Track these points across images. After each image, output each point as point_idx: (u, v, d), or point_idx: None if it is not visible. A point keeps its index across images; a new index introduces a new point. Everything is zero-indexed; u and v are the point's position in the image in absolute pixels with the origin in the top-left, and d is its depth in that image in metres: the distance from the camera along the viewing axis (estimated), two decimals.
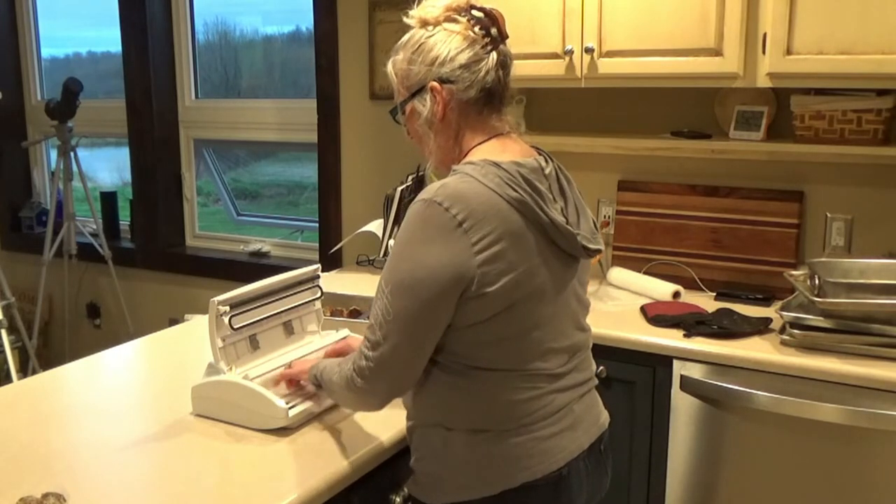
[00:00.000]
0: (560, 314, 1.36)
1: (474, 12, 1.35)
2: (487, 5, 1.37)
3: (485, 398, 1.32)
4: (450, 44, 1.33)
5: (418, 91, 1.37)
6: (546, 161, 1.40)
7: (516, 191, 1.27)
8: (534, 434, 1.33)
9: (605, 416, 1.50)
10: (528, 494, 1.33)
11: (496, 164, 1.29)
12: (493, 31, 1.35)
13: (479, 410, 1.32)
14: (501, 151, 1.35)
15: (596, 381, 1.49)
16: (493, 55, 1.35)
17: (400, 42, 1.40)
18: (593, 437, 1.43)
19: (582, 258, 1.39)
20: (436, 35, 1.35)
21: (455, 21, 1.34)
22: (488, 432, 1.32)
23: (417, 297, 1.24)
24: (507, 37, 1.38)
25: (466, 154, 1.37)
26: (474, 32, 1.34)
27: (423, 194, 1.28)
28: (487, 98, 1.36)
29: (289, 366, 1.62)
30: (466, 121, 1.37)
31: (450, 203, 1.24)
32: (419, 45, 1.36)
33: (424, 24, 1.36)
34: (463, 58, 1.33)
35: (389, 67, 1.42)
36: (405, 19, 1.39)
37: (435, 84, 1.34)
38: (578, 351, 1.42)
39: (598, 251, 1.39)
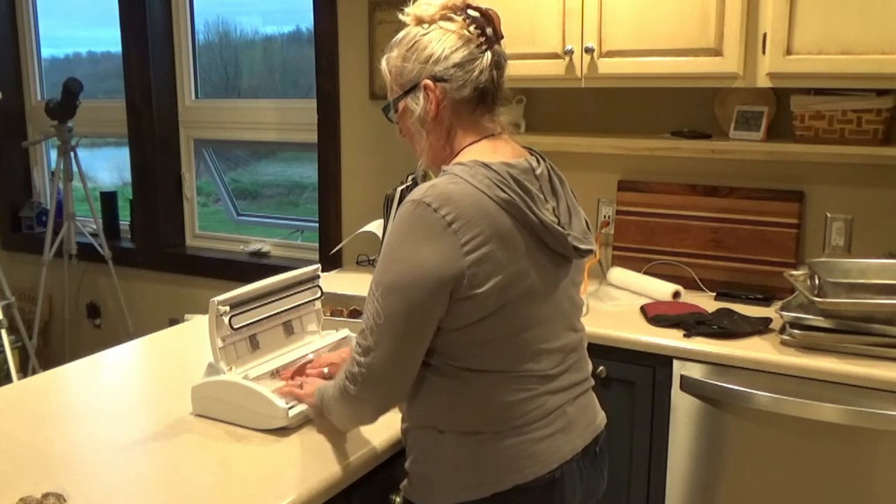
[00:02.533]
0: (552, 315, 1.35)
1: (470, 11, 1.35)
2: (484, 5, 1.37)
3: (476, 400, 1.31)
4: (444, 42, 1.33)
5: (412, 89, 1.36)
6: (538, 161, 1.40)
7: (505, 192, 1.27)
8: (526, 436, 1.32)
9: (601, 418, 1.49)
10: (519, 497, 1.32)
11: (485, 165, 1.29)
12: (489, 30, 1.35)
13: (471, 412, 1.32)
14: (492, 152, 1.35)
15: (592, 382, 1.48)
16: (488, 55, 1.35)
17: (394, 39, 1.40)
18: (588, 439, 1.42)
19: (573, 259, 1.39)
20: (431, 33, 1.34)
21: (450, 20, 1.34)
22: (480, 434, 1.32)
23: (408, 298, 1.24)
24: (503, 37, 1.38)
25: (458, 154, 1.37)
26: (469, 31, 1.34)
27: (412, 195, 1.27)
28: (480, 98, 1.36)
29: (300, 386, 1.59)
30: (459, 120, 1.37)
31: (439, 204, 1.23)
32: (414, 43, 1.35)
33: (420, 21, 1.36)
34: (457, 56, 1.33)
35: (383, 64, 1.42)
36: (400, 16, 1.39)
37: (428, 82, 1.34)
38: (572, 352, 1.41)
39: (590, 251, 1.38)
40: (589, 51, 2.31)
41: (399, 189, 2.79)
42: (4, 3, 4.09)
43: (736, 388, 1.97)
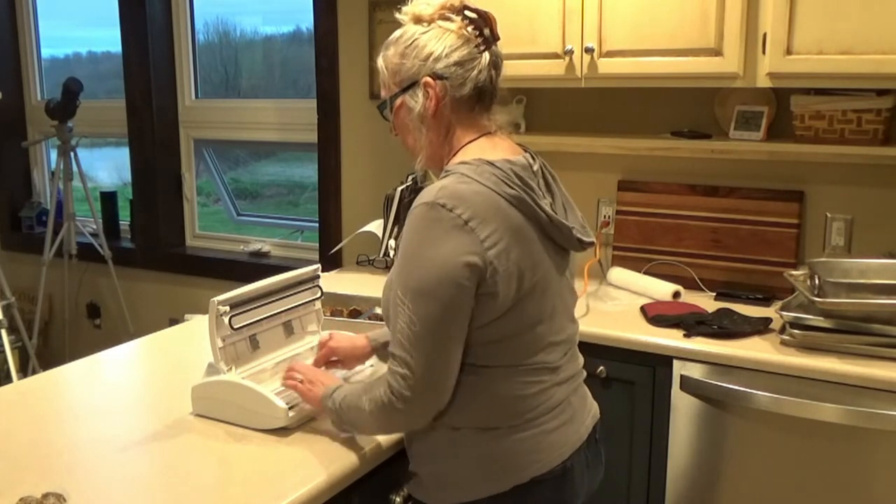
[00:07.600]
0: (558, 307, 1.39)
1: (468, 13, 1.37)
2: (483, 6, 1.39)
3: (491, 395, 1.32)
4: (444, 41, 1.35)
5: (410, 86, 1.37)
6: (532, 158, 1.42)
7: (513, 188, 1.29)
8: (539, 428, 1.34)
9: (595, 407, 1.53)
10: (536, 489, 1.34)
11: (490, 163, 1.31)
12: (486, 31, 1.37)
13: (487, 408, 1.33)
14: (492, 149, 1.37)
15: (584, 374, 1.51)
16: (486, 55, 1.37)
17: (391, 38, 1.41)
18: (589, 429, 1.46)
19: (576, 251, 1.42)
20: (430, 32, 1.36)
21: (449, 20, 1.36)
22: (497, 429, 1.33)
23: (438, 298, 1.24)
24: (499, 38, 1.40)
25: (457, 152, 1.38)
26: (468, 32, 1.36)
27: (423, 197, 1.28)
28: (479, 97, 1.38)
29: (301, 381, 1.54)
30: (458, 118, 1.38)
31: (453, 204, 1.24)
32: (413, 41, 1.37)
33: (418, 20, 1.38)
34: (457, 55, 1.35)
35: (379, 62, 1.43)
36: (397, 15, 1.41)
37: (429, 79, 1.35)
38: (571, 343, 1.45)
39: (592, 243, 1.41)
40: (589, 51, 2.31)
41: (399, 189, 2.79)
42: (4, 3, 4.08)
43: (736, 388, 1.97)
